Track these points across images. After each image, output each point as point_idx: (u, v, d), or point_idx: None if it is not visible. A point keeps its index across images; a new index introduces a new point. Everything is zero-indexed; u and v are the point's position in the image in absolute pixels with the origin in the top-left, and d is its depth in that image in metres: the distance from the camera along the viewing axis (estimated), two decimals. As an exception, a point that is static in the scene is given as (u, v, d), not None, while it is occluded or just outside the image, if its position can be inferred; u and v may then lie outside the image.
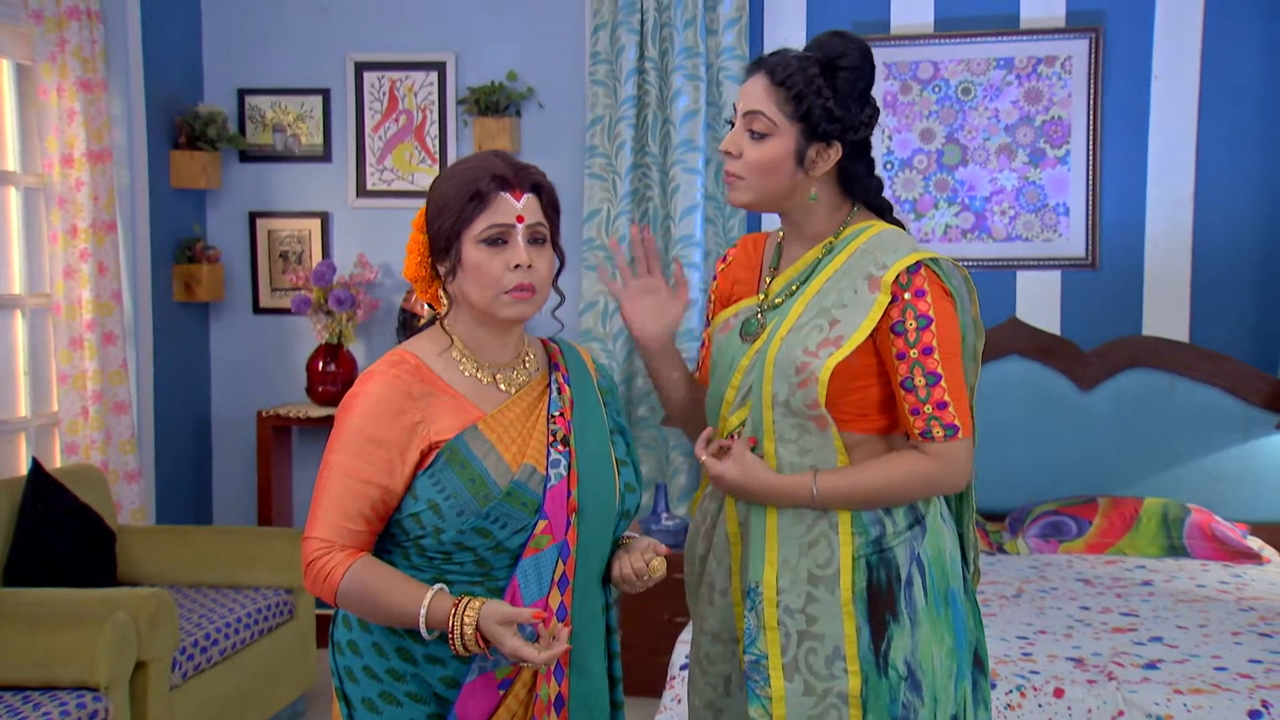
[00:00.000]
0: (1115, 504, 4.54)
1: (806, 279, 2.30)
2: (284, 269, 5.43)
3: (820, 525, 2.23)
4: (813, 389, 2.19)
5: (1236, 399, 4.69)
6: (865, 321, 2.20)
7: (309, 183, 5.44)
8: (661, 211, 5.09)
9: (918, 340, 2.18)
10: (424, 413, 2.07)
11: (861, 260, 2.24)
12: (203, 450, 5.51)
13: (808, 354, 2.20)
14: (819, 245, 2.31)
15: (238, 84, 5.44)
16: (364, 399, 2.09)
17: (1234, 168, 4.85)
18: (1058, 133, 4.94)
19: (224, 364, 5.53)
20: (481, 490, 2.04)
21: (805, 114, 2.22)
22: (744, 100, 2.26)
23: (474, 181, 2.09)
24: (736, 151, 2.27)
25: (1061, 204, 4.95)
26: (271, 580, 4.45)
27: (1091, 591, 4.00)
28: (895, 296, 2.19)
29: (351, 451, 2.06)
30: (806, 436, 2.22)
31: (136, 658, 3.62)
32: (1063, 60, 4.92)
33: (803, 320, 2.24)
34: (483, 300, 2.10)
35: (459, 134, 5.32)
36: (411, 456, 2.06)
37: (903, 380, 2.20)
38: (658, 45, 5.04)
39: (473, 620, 1.98)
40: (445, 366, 2.14)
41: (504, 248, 2.10)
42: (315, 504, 2.09)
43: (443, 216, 2.11)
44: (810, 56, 2.24)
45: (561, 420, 2.15)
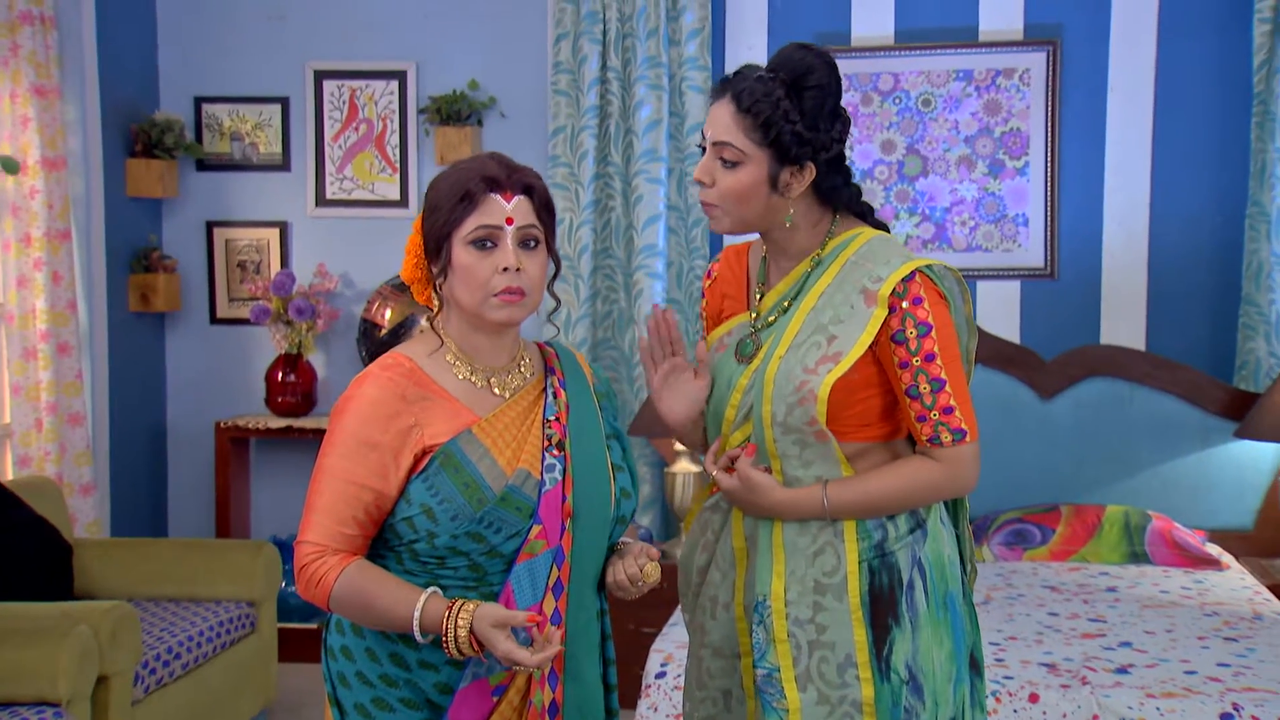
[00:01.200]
0: (1078, 512, 4.57)
1: (798, 294, 2.27)
2: (242, 279, 5.37)
3: (825, 534, 2.22)
4: (811, 407, 2.17)
5: (1194, 407, 4.73)
6: (863, 336, 2.18)
7: (267, 192, 5.39)
8: (624, 221, 5.07)
9: (919, 348, 2.17)
10: (418, 416, 2.05)
11: (854, 273, 2.23)
12: (158, 462, 5.43)
13: (806, 372, 2.19)
14: (806, 259, 2.29)
15: (194, 92, 5.38)
16: (358, 402, 2.06)
17: (1188, 179, 4.91)
18: (1016, 144, 4.98)
19: (180, 375, 5.45)
20: (475, 495, 2.02)
21: (774, 140, 2.18)
22: (712, 128, 2.22)
23: (465, 182, 2.07)
24: (709, 180, 2.24)
25: (1021, 215, 4.99)
26: (232, 593, 4.38)
27: (1058, 598, 4.01)
28: (893, 308, 2.18)
29: (345, 455, 2.04)
30: (808, 450, 2.22)
31: (98, 672, 3.55)
32: (1021, 72, 4.96)
33: (800, 338, 2.22)
34: (471, 302, 2.09)
35: (420, 143, 5.28)
36: (405, 460, 2.04)
37: (907, 389, 2.19)
38: (620, 55, 5.03)
39: (467, 623, 1.95)
40: (440, 370, 2.12)
41: (493, 250, 2.07)
42: (308, 508, 2.06)
43: (434, 217, 2.09)
44: (775, 77, 2.19)
45: (557, 425, 2.14)
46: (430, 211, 2.11)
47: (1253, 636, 3.60)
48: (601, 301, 5.12)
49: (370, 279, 5.30)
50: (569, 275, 5.01)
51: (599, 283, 5.10)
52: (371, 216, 5.33)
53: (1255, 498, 4.72)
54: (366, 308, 5.12)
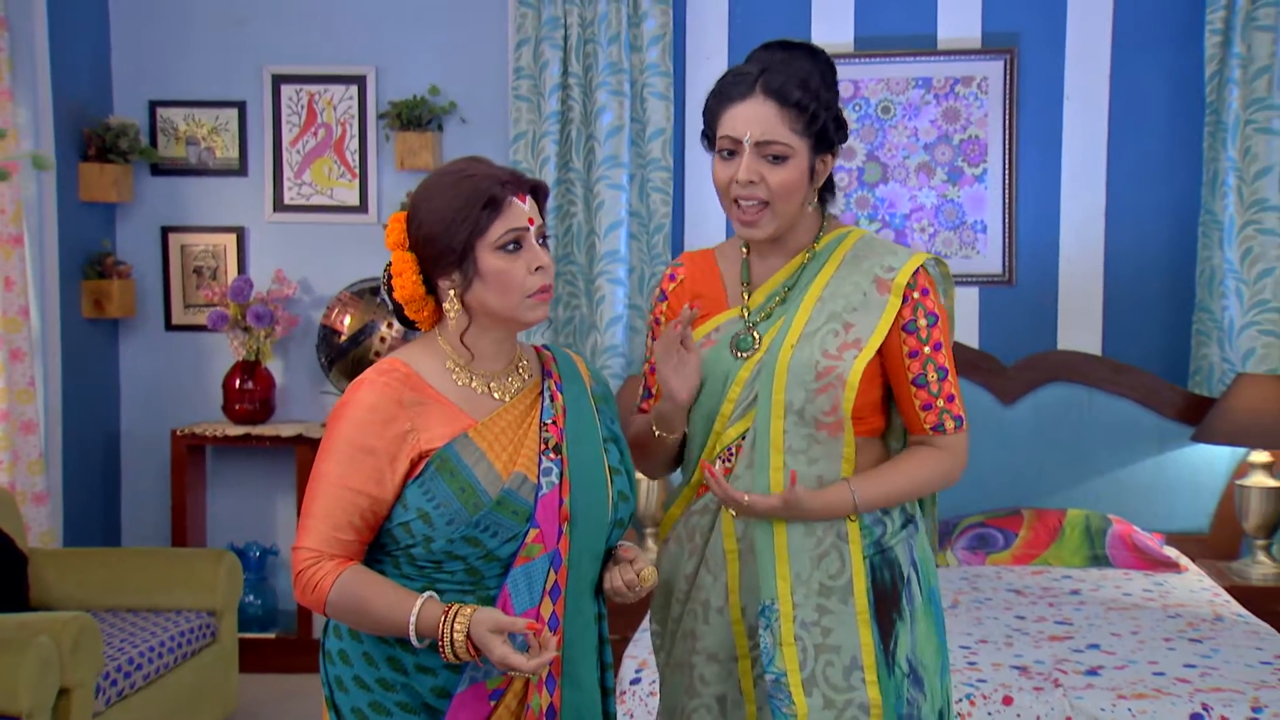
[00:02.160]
0: (1039, 516, 4.60)
1: (793, 288, 2.30)
2: (198, 285, 5.31)
3: (830, 537, 2.23)
4: (836, 393, 2.20)
5: (1151, 412, 4.79)
6: (880, 323, 2.23)
7: (224, 197, 5.33)
8: (585, 227, 5.06)
9: (929, 337, 2.25)
10: (414, 421, 2.04)
11: (861, 264, 2.28)
12: (111, 471, 5.35)
13: (829, 358, 2.21)
14: (800, 254, 2.32)
15: (149, 95, 5.31)
16: (354, 407, 2.05)
17: (1142, 186, 4.97)
18: (975, 151, 5.02)
19: (135, 382, 5.38)
20: (471, 499, 2.01)
21: (818, 130, 2.22)
22: (750, 128, 2.20)
23: (485, 189, 2.06)
24: (759, 179, 2.22)
25: (979, 221, 5.03)
26: (192, 602, 4.32)
27: (1024, 601, 4.04)
28: (905, 297, 2.24)
29: (341, 460, 2.03)
30: (815, 446, 2.22)
31: (60, 684, 3.49)
32: (979, 80, 5.01)
33: (812, 327, 2.24)
34: (506, 307, 2.08)
35: (379, 148, 5.25)
36: (401, 465, 2.03)
37: (915, 377, 2.25)
38: (581, 61, 5.02)
39: (464, 627, 1.95)
40: (436, 374, 2.11)
41: (520, 252, 2.08)
42: (305, 514, 2.05)
43: (454, 228, 2.05)
44: (807, 67, 2.24)
45: (554, 428, 2.13)
46: (445, 224, 2.06)
47: (1215, 638, 3.65)
48: (563, 308, 5.11)
49: (329, 285, 5.25)
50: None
51: (560, 289, 5.08)
52: (330, 222, 5.29)
53: (1210, 501, 4.79)
54: (326, 314, 5.08)
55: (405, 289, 2.12)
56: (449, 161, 2.16)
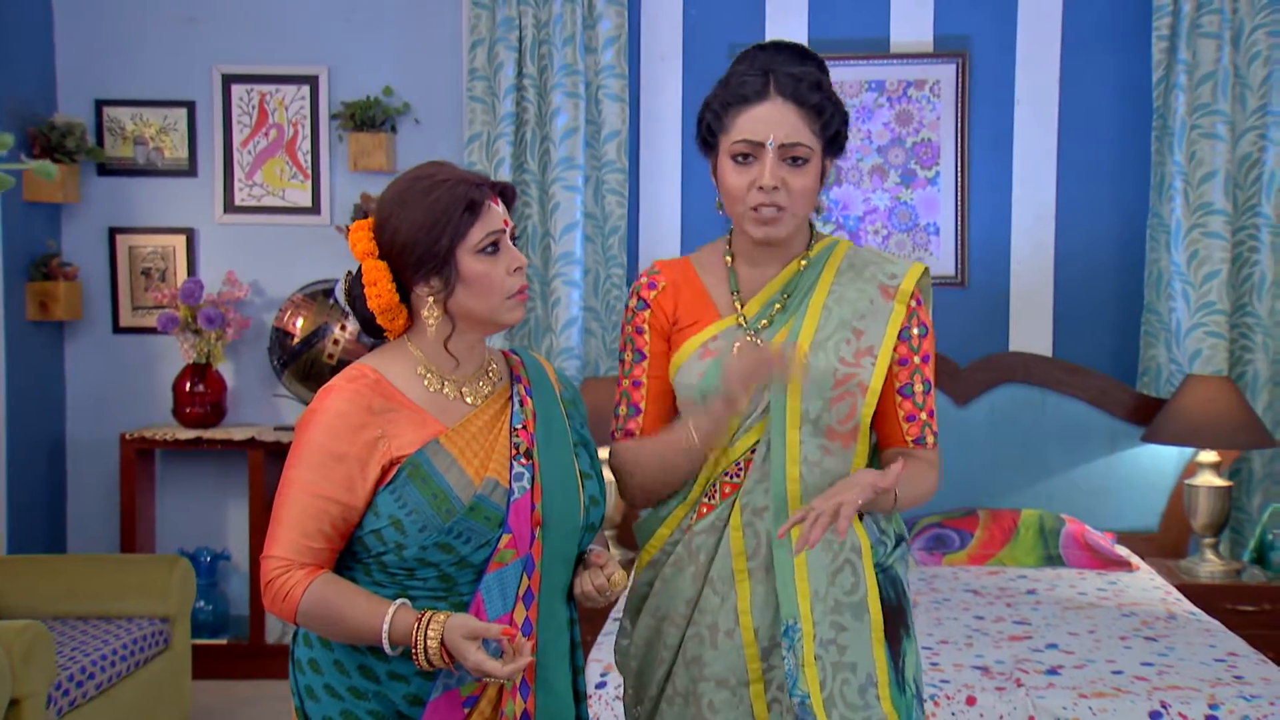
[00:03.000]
0: (994, 516, 4.64)
1: (791, 294, 2.25)
2: (146, 286, 5.23)
3: (845, 552, 2.20)
4: (853, 401, 2.19)
5: (1102, 412, 4.84)
6: (889, 330, 2.23)
7: (173, 198, 5.26)
8: (541, 229, 5.04)
9: (920, 347, 2.27)
10: (384, 427, 2.03)
11: (863, 271, 2.27)
12: (57, 476, 5.26)
13: (847, 365, 2.20)
14: (794, 262, 2.28)
15: (95, 94, 5.23)
16: (323, 414, 2.03)
17: (1092, 190, 5.02)
18: (928, 154, 5.05)
19: (82, 385, 5.29)
20: (444, 505, 2.00)
21: (834, 133, 2.22)
22: (775, 132, 2.16)
23: (463, 193, 2.05)
24: (781, 184, 2.17)
25: (932, 224, 5.06)
26: (144, 609, 4.25)
27: (982, 601, 4.07)
28: (906, 305, 2.25)
29: (311, 468, 2.01)
30: (828, 458, 2.19)
31: (11, 694, 3.42)
32: (931, 84, 5.04)
33: (823, 334, 2.21)
34: (486, 309, 2.08)
35: (332, 149, 5.20)
36: (372, 472, 2.01)
37: (902, 386, 2.25)
38: (536, 62, 5.00)
39: (437, 634, 1.93)
40: (406, 380, 2.09)
41: (498, 254, 2.09)
42: (274, 521, 2.02)
43: (434, 234, 2.03)
44: (812, 70, 2.22)
45: (524, 433, 2.12)
46: (425, 230, 2.04)
47: (1170, 635, 3.68)
48: (517, 310, 5.05)
49: (282, 287, 5.20)
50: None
51: (515, 291, 5.02)
52: (282, 223, 5.23)
53: (1160, 500, 4.84)
54: (278, 316, 5.02)
55: (382, 298, 2.08)
56: (413, 168, 2.13)
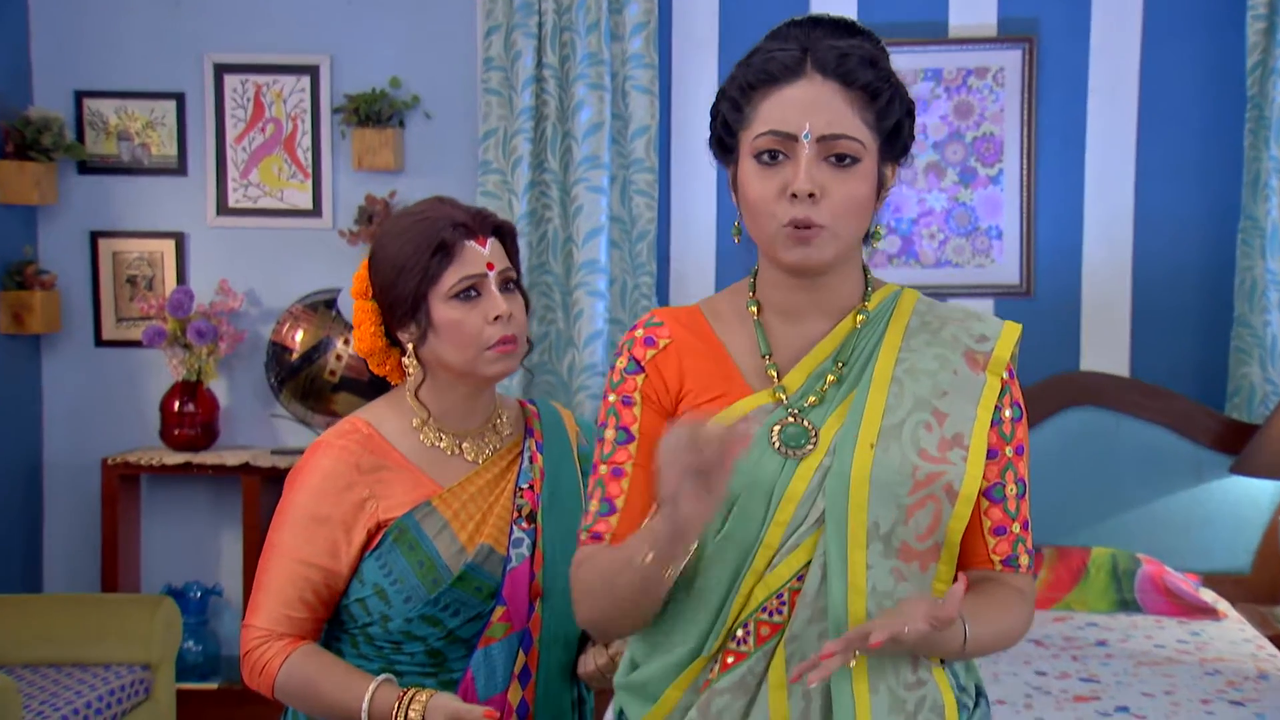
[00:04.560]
0: (1061, 554, 4.56)
1: (848, 362, 1.88)
2: (132, 296, 5.22)
3: (923, 713, 1.83)
4: (938, 509, 1.80)
5: (1185, 439, 4.75)
6: (980, 411, 1.85)
7: (161, 199, 5.24)
8: (562, 234, 5.00)
9: (1013, 435, 1.90)
10: (373, 488, 2.04)
11: (941, 331, 1.91)
12: (32, 505, 5.25)
13: (931, 460, 1.81)
14: (848, 317, 1.90)
15: (75, 85, 5.22)
16: (309, 473, 2.05)
17: (1175, 188, 4.92)
18: (990, 150, 4.98)
19: (60, 404, 5.29)
20: (430, 574, 2.00)
21: (894, 126, 1.88)
22: (812, 118, 1.79)
23: (434, 233, 2.05)
24: (820, 191, 1.79)
25: (994, 227, 4.98)
26: (124, 655, 4.24)
27: (1045, 654, 3.99)
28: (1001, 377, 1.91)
29: (293, 531, 2.03)
30: (902, 584, 1.80)
31: (-26, 755, 3.40)
32: (994, 72, 4.96)
33: (895, 417, 1.83)
34: (462, 361, 2.07)
35: (335, 146, 5.18)
36: (358, 536, 2.03)
37: (990, 488, 1.86)
38: (558, 51, 4.96)
39: (419, 714, 1.93)
40: (402, 435, 2.10)
41: (478, 300, 2.07)
42: (255, 588, 2.05)
43: (404, 277, 2.05)
44: (864, 44, 1.87)
45: (530, 494, 2.10)
46: (396, 272, 2.06)
47: (1260, 700, 3.59)
48: (538, 322, 5.04)
49: (280, 297, 5.17)
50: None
51: (535, 302, 5.02)
52: (281, 227, 5.21)
53: (1252, 537, 4.74)
54: (276, 329, 5.00)
55: (363, 341, 2.12)
56: (416, 202, 2.14)
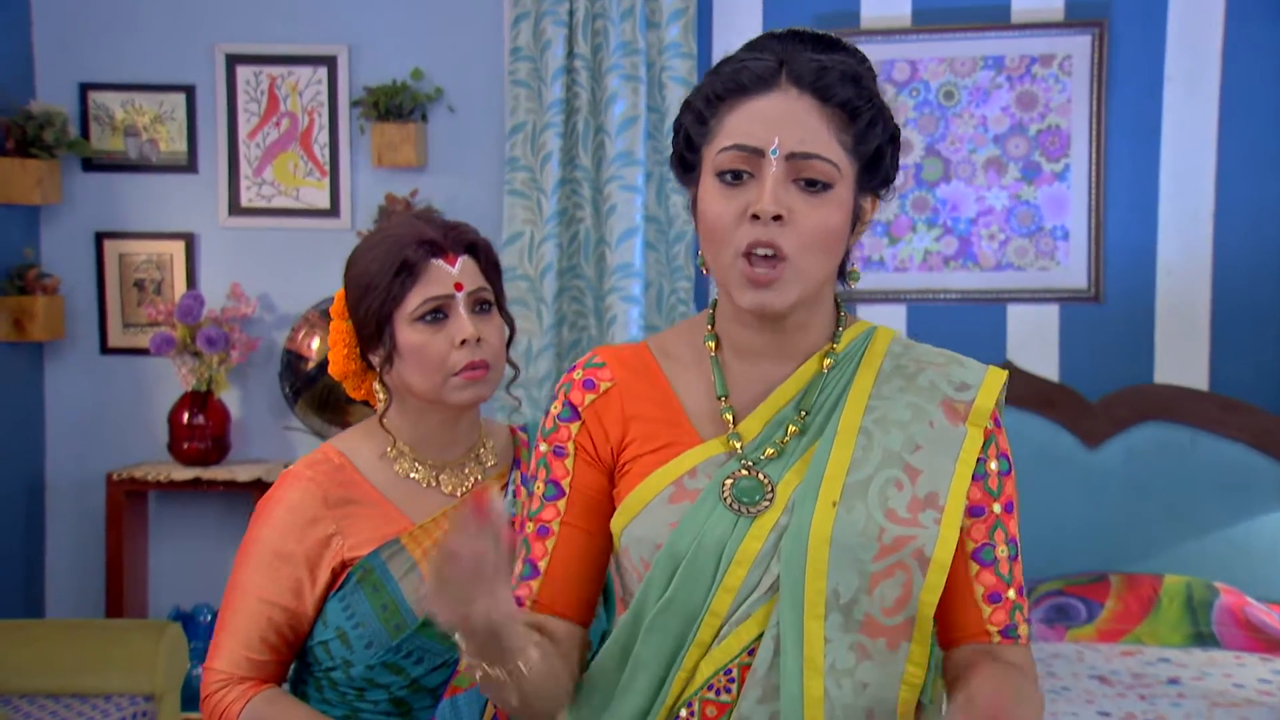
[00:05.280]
0: (1130, 582, 4.44)
1: (811, 410, 1.78)
2: (140, 301, 5.19)
3: None
4: (910, 578, 1.69)
5: (1268, 457, 4.62)
6: (959, 467, 1.74)
7: (170, 197, 5.21)
8: (594, 235, 4.93)
9: (1000, 490, 1.79)
10: (339, 523, 2.02)
11: (917, 378, 1.80)
12: (34, 523, 5.22)
13: (899, 522, 1.70)
14: (814, 357, 1.80)
15: (79, 78, 5.19)
16: (274, 506, 2.03)
17: (1259, 185, 4.79)
18: (1055, 144, 4.88)
19: (64, 416, 5.26)
20: (393, 619, 1.97)
21: (874, 151, 1.74)
22: (781, 133, 1.68)
23: (399, 251, 2.02)
24: (786, 214, 1.68)
25: (1060, 226, 4.88)
26: (128, 685, 4.17)
27: (1110, 692, 3.87)
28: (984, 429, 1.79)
29: (256, 568, 2.01)
30: (866, 665, 1.69)
31: (-41, 799, 3.33)
32: (1061, 59, 4.85)
33: (862, 472, 1.72)
34: (428, 387, 2.05)
35: (353, 141, 5.13)
36: (322, 575, 2.01)
37: (978, 549, 1.77)
38: (590, 40, 4.89)
39: None
40: (376, 466, 2.08)
41: (445, 322, 2.05)
42: (217, 627, 2.03)
43: (369, 297, 2.04)
44: (847, 60, 1.77)
45: None
46: (361, 292, 2.05)
47: (1349, 748, 3.45)
48: (569, 329, 4.98)
49: (295, 302, 5.13)
50: (530, 300, 4.85)
51: (565, 307, 4.95)
52: (296, 228, 5.16)
53: (1342, 564, 4.61)
54: (290, 336, 4.97)
55: (336, 364, 2.12)
56: (393, 217, 2.09)
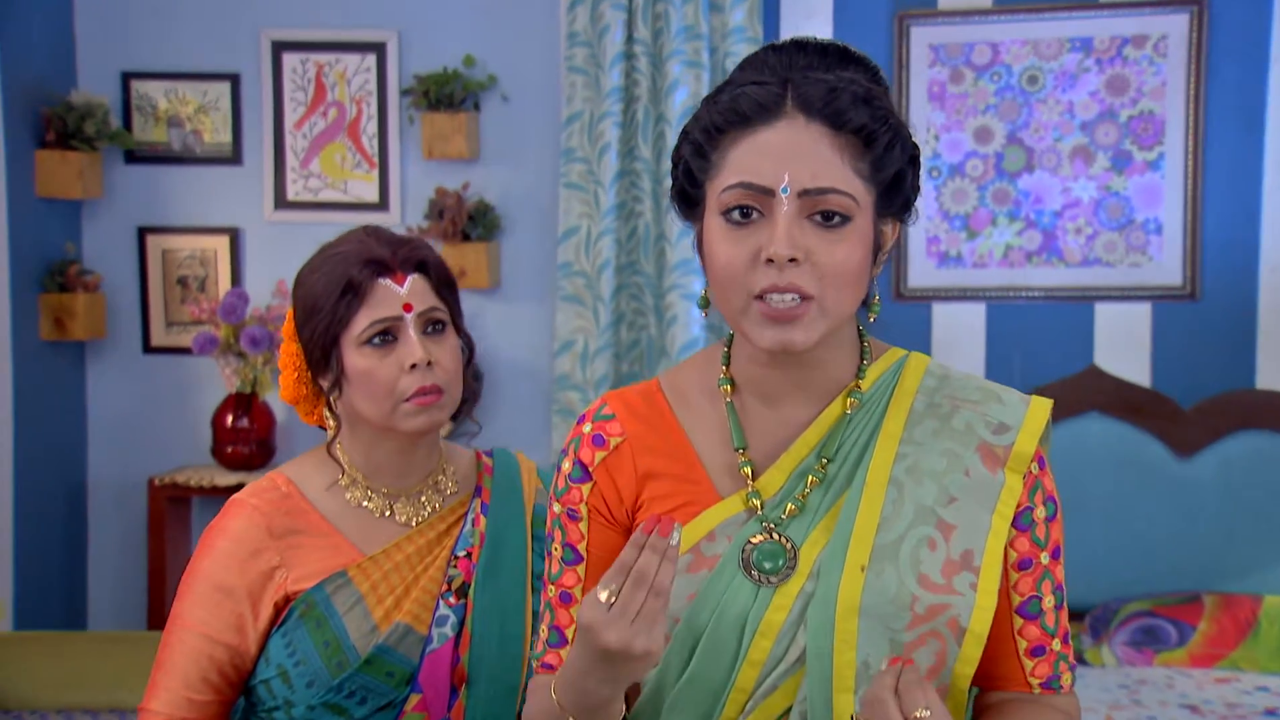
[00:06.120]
0: (1226, 603, 4.36)
1: (833, 459, 1.72)
2: (183, 298, 5.22)
3: None
4: (944, 648, 1.65)
5: (1379, 470, 4.53)
6: (996, 521, 1.69)
7: (214, 191, 5.24)
8: (654, 230, 4.91)
9: (1048, 538, 1.74)
10: (284, 555, 2.01)
11: (951, 418, 1.74)
12: (76, 530, 5.27)
13: (933, 589, 1.65)
14: (838, 399, 1.74)
15: (121, 66, 5.22)
16: (217, 537, 2.03)
17: (1372, 175, 4.72)
18: (1148, 131, 4.81)
19: (106, 419, 5.30)
20: (335, 656, 1.97)
21: (894, 176, 1.68)
22: (791, 168, 1.62)
23: (344, 271, 2.00)
24: (803, 256, 1.61)
25: (1152, 219, 4.82)
26: (164, 703, 4.20)
27: (1202, 725, 3.80)
28: (1024, 473, 1.73)
29: (196, 602, 2.01)
30: None
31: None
32: (1155, 40, 4.79)
33: (892, 532, 1.67)
34: (378, 414, 2.03)
35: (403, 132, 5.13)
36: (265, 610, 2.00)
37: (1024, 603, 1.74)
38: (650, 25, 4.87)
39: None
40: (326, 494, 2.07)
41: (394, 345, 2.03)
42: (155, 665, 2.03)
43: (314, 320, 2.03)
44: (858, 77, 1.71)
45: (466, 562, 2.05)
46: (307, 314, 2.04)
47: None
48: (627, 328, 4.96)
49: (340, 301, 5.11)
50: (586, 297, 4.83)
51: (624, 305, 4.94)
52: (344, 222, 4.91)
53: None
54: (336, 336, 4.94)
55: (287, 389, 2.11)
56: (347, 231, 2.11)
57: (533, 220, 5.05)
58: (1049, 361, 4.78)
